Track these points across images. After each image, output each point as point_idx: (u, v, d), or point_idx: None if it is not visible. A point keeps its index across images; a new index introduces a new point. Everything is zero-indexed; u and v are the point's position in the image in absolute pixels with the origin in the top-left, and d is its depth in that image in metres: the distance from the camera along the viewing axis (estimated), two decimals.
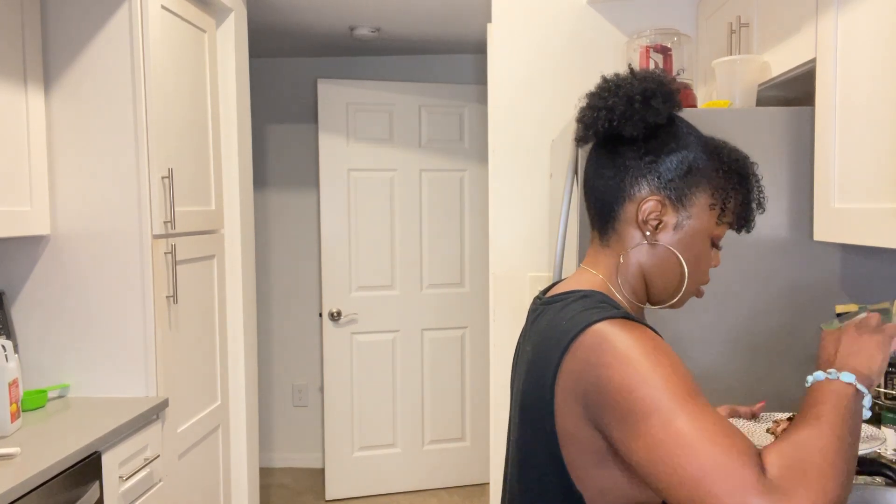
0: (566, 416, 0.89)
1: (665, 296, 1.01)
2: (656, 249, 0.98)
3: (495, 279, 2.77)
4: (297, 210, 4.20)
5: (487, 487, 3.92)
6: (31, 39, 2.06)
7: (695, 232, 0.97)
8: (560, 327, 0.91)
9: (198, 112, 2.49)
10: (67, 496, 1.72)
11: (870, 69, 1.41)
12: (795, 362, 1.77)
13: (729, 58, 1.89)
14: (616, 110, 0.95)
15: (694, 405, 0.80)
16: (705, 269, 1.01)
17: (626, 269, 0.99)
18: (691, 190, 0.97)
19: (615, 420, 0.83)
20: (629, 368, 0.82)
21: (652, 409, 0.80)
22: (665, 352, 0.84)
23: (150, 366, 2.18)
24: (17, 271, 2.18)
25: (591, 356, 0.85)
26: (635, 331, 0.86)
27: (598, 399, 0.84)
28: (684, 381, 0.82)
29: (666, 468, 0.78)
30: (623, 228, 0.99)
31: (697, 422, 0.78)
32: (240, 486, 2.80)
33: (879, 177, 1.38)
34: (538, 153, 2.73)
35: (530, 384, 0.94)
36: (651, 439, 0.79)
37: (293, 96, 4.16)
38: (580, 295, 0.95)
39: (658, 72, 0.98)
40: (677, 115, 1.00)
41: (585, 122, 0.99)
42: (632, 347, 0.83)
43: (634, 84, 0.96)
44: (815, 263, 1.76)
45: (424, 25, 3.46)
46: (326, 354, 3.79)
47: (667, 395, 0.80)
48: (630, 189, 0.97)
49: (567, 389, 0.88)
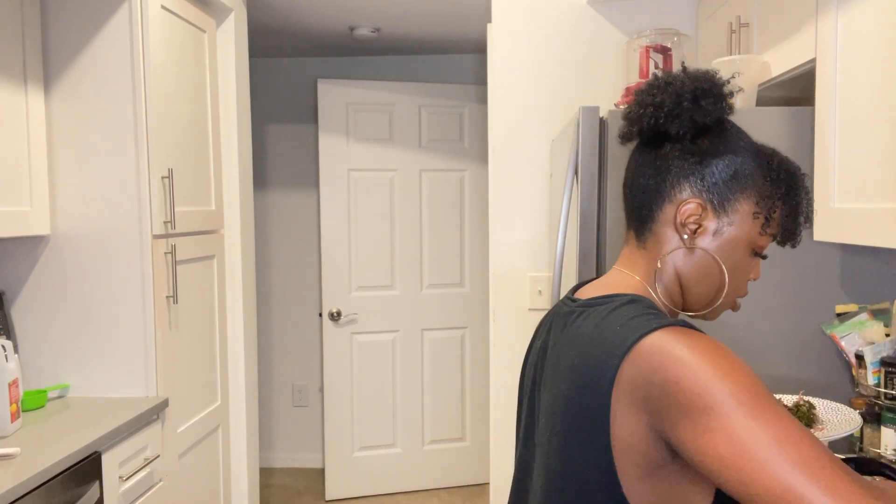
0: (624, 424, 0.84)
1: (700, 304, 0.97)
2: (694, 255, 0.94)
3: (495, 279, 2.77)
4: (297, 210, 4.20)
5: (487, 487, 3.92)
6: (31, 39, 2.06)
7: (735, 240, 0.94)
8: (613, 332, 0.86)
9: (198, 112, 2.49)
10: (67, 496, 1.71)
11: (870, 69, 1.41)
12: (795, 362, 1.77)
13: (729, 58, 1.89)
14: (664, 107, 0.92)
15: (771, 406, 0.76)
16: (744, 280, 0.97)
17: (663, 273, 0.96)
18: (735, 196, 0.93)
19: (682, 420, 0.78)
20: (698, 369, 0.78)
21: (728, 407, 0.75)
22: (733, 356, 0.81)
23: (150, 366, 2.18)
24: (17, 271, 2.18)
25: (653, 362, 0.81)
26: (697, 338, 0.82)
27: (662, 403, 0.80)
28: (756, 384, 0.78)
29: (746, 468, 0.73)
30: (660, 230, 0.95)
31: (776, 424, 0.74)
32: (240, 486, 2.80)
33: (879, 177, 1.38)
34: (538, 153, 2.74)
35: (577, 391, 0.88)
36: (728, 436, 0.75)
37: (293, 96, 4.16)
38: (628, 299, 0.90)
39: (713, 72, 0.94)
40: (727, 119, 0.96)
41: (631, 119, 0.96)
42: (698, 351, 0.80)
43: (686, 82, 0.92)
44: (815, 263, 1.76)
45: (424, 25, 3.46)
46: (326, 354, 3.79)
47: (743, 397, 0.76)
48: (671, 190, 0.94)
49: (626, 396, 0.83)
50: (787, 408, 1.27)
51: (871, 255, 1.75)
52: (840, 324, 1.69)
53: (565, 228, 2.03)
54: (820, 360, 1.76)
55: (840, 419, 1.24)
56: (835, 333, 1.70)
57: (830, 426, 1.22)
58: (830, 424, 1.23)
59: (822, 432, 1.21)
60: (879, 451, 1.50)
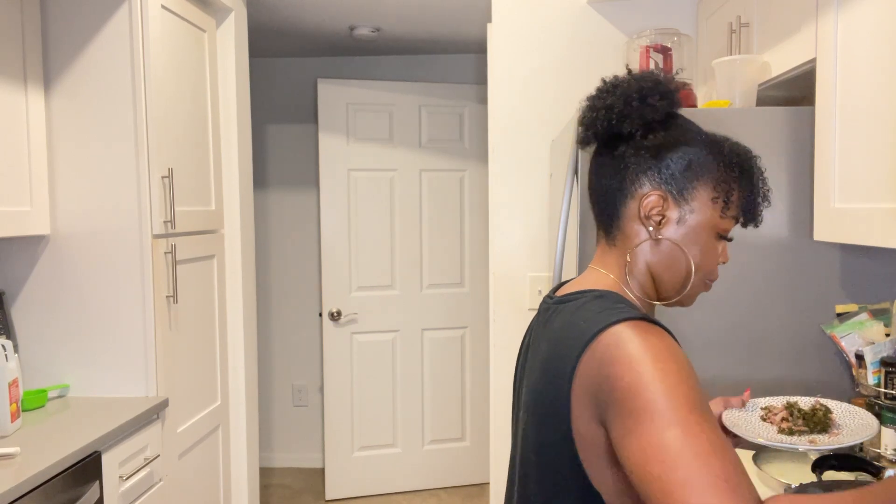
0: (581, 416, 0.89)
1: (673, 292, 1.01)
2: (661, 245, 0.99)
3: (495, 279, 2.77)
4: (297, 210, 4.20)
5: (487, 487, 3.92)
6: (31, 39, 2.06)
7: (699, 226, 0.98)
8: (577, 327, 0.91)
9: (198, 112, 2.49)
10: (67, 496, 1.71)
11: (870, 69, 1.41)
12: (795, 362, 1.77)
13: (729, 58, 1.89)
14: (614, 109, 0.97)
15: (696, 418, 0.79)
16: (712, 264, 1.01)
17: (634, 267, 1.00)
18: (692, 184, 0.97)
19: (615, 417, 0.83)
20: (639, 369, 0.82)
21: (652, 413, 0.79)
22: (678, 360, 0.84)
23: (150, 366, 2.18)
24: (17, 271, 2.18)
25: (605, 355, 0.85)
26: (652, 334, 0.86)
27: (606, 397, 0.84)
28: (692, 394, 0.81)
29: (650, 477, 0.77)
30: (627, 226, 1.00)
31: (693, 438, 0.77)
32: (240, 485, 2.80)
33: (879, 177, 1.38)
34: (538, 153, 2.73)
35: (546, 384, 0.94)
36: (643, 442, 0.79)
37: (293, 96, 4.16)
38: (596, 295, 0.95)
39: (656, 71, 1.00)
40: (676, 112, 1.01)
41: (586, 123, 1.02)
42: (646, 350, 0.83)
43: (632, 83, 0.98)
44: (815, 263, 1.76)
45: (424, 25, 3.46)
46: (326, 354, 3.79)
47: (670, 404, 0.79)
48: (631, 186, 0.98)
49: (582, 389, 0.88)
50: (804, 411, 1.25)
51: (871, 255, 1.75)
52: (840, 324, 1.69)
53: (565, 228, 2.03)
54: (820, 360, 1.76)
55: (857, 424, 1.22)
56: (835, 333, 1.70)
57: (847, 431, 1.20)
58: (847, 429, 1.21)
59: (837, 437, 1.19)
60: (879, 450, 1.50)
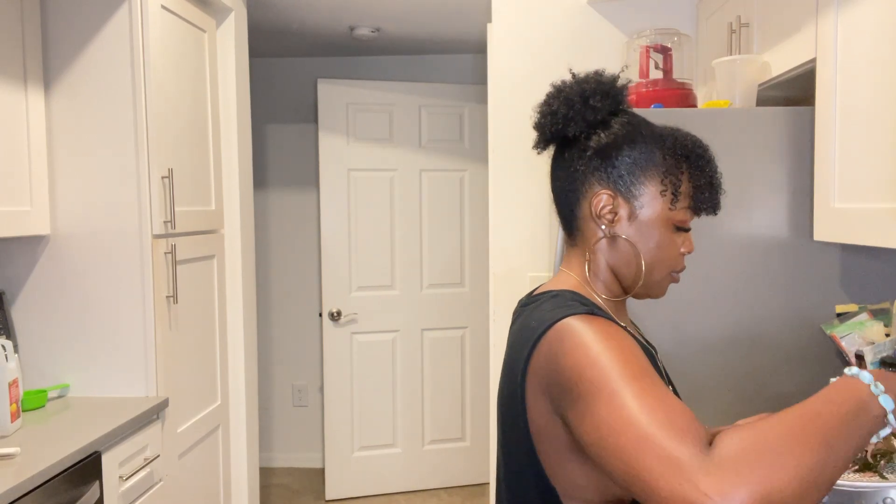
0: (536, 411, 0.91)
1: (636, 285, 1.03)
2: (617, 242, 1.01)
3: (495, 279, 2.77)
4: (297, 210, 4.20)
5: (487, 487, 3.92)
6: (31, 39, 2.06)
7: (651, 220, 0.99)
8: (529, 327, 0.94)
9: (198, 112, 2.49)
10: (67, 496, 1.71)
11: (870, 69, 1.41)
12: (795, 362, 1.77)
13: (729, 58, 1.89)
14: (559, 113, 1.00)
15: (640, 383, 0.80)
16: (674, 255, 1.02)
17: (595, 266, 1.03)
18: (639, 180, 0.99)
19: (569, 404, 0.84)
20: (580, 353, 0.84)
21: (599, 389, 0.80)
22: (619, 338, 0.86)
23: (150, 366, 2.18)
24: (17, 271, 2.18)
25: (552, 349, 0.88)
26: (595, 323, 0.88)
27: (558, 388, 0.86)
28: (634, 362, 0.82)
29: (608, 447, 0.77)
30: (584, 226, 1.02)
31: (639, 399, 0.78)
32: (240, 485, 2.80)
33: (879, 177, 1.38)
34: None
35: (505, 384, 0.99)
36: (596, 418, 0.80)
37: (293, 96, 4.16)
38: (551, 295, 0.98)
39: (599, 72, 1.03)
40: (621, 111, 1.03)
41: (537, 129, 1.05)
42: (587, 335, 0.86)
43: (574, 86, 1.01)
44: (815, 263, 1.76)
45: (424, 25, 3.46)
46: (326, 354, 3.79)
47: (613, 375, 0.81)
48: (582, 187, 1.01)
49: (534, 385, 0.91)
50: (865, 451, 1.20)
51: (871, 255, 1.75)
52: (840, 324, 1.69)
53: None
54: (820, 360, 1.76)
55: None
56: (835, 333, 1.70)
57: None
58: None
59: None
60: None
